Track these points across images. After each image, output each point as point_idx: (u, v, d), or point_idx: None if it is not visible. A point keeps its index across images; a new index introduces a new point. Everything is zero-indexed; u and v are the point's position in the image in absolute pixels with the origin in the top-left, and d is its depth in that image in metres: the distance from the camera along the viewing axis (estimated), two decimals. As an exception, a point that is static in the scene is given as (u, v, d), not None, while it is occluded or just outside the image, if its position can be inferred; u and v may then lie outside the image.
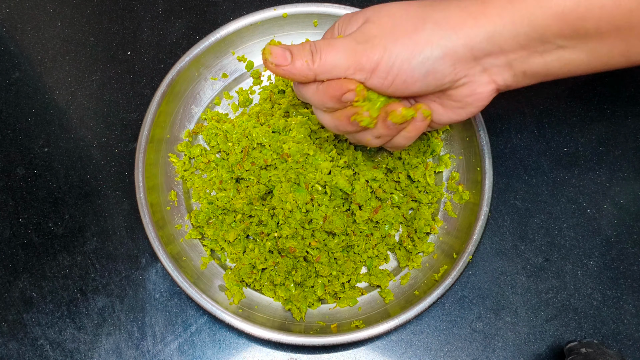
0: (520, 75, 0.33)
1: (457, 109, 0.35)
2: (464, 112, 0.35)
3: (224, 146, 0.48)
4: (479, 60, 0.32)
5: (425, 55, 0.32)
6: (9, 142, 0.51)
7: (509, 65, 0.33)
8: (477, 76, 0.33)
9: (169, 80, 0.47)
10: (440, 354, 0.45)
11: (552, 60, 0.32)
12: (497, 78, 0.33)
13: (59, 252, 0.48)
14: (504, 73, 0.33)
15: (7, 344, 0.45)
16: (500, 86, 0.34)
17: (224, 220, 0.46)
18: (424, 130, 0.37)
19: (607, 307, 0.46)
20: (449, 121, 0.37)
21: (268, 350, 0.45)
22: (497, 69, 0.33)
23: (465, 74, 0.33)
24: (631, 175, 0.49)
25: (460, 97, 0.34)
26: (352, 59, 0.33)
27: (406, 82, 0.33)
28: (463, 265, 0.42)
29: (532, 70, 0.33)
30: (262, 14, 0.48)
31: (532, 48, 0.32)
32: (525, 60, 0.32)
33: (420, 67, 0.32)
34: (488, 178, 0.44)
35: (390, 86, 0.33)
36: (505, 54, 0.32)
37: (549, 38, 0.31)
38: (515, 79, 0.33)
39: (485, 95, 0.34)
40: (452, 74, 0.32)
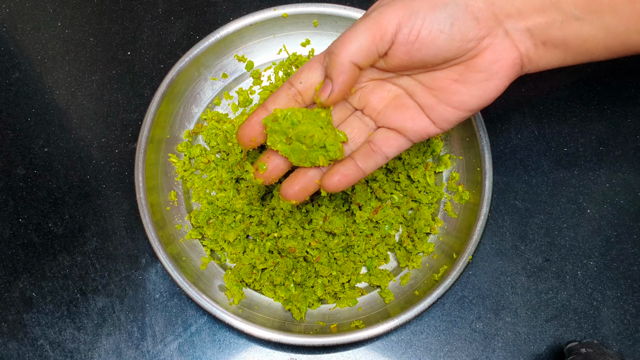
0: (540, 46, 0.33)
1: (483, 82, 0.34)
2: (490, 85, 0.34)
3: (224, 146, 0.48)
4: (500, 21, 0.32)
5: (449, 8, 0.31)
6: (9, 142, 0.51)
7: (530, 32, 0.32)
8: (500, 38, 0.32)
9: (169, 80, 0.47)
10: (440, 354, 0.45)
11: (571, 35, 0.32)
12: (520, 45, 0.33)
13: (59, 252, 0.48)
14: (525, 40, 0.33)
15: (7, 344, 0.45)
16: (522, 55, 0.33)
17: (224, 220, 0.46)
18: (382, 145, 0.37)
19: (607, 307, 0.46)
20: (475, 101, 0.35)
21: (268, 351, 0.45)
22: (519, 34, 0.32)
23: (488, 32, 0.32)
24: (631, 175, 0.49)
25: (485, 65, 0.33)
26: (374, 27, 0.32)
27: (431, 35, 0.32)
28: (463, 265, 0.42)
29: (552, 42, 0.33)
30: (262, 14, 0.48)
31: (548, 15, 0.32)
32: (544, 30, 0.32)
33: (445, 16, 0.31)
34: (488, 178, 0.44)
35: (415, 42, 0.32)
36: (525, 18, 0.32)
37: (562, 5, 0.31)
38: (536, 49, 0.33)
39: (510, 62, 0.33)
40: (476, 29, 0.32)
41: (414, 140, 0.37)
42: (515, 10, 0.32)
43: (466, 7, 0.32)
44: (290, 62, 0.51)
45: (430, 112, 0.36)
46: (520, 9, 0.32)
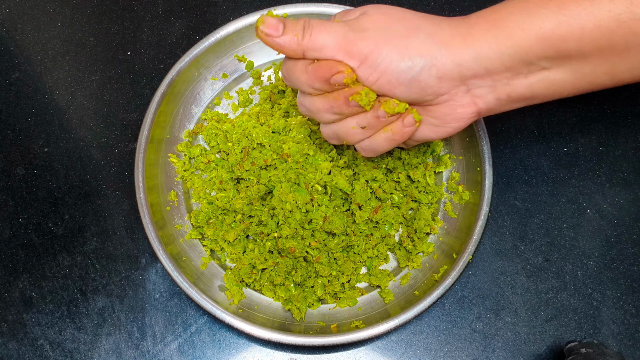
0: (504, 99, 0.34)
1: (435, 127, 0.36)
2: (442, 130, 0.36)
3: (224, 146, 0.48)
4: (465, 80, 0.33)
5: (414, 62, 0.32)
6: (9, 142, 0.51)
7: (493, 87, 0.33)
8: (459, 95, 0.33)
9: (169, 80, 0.47)
10: (440, 354, 0.45)
11: (536, 81, 0.33)
12: (479, 101, 0.34)
13: (59, 252, 0.48)
14: (487, 96, 0.33)
15: (7, 344, 0.45)
16: (481, 110, 0.34)
17: (224, 220, 0.46)
18: (406, 138, 0.36)
19: (607, 307, 0.46)
20: (425, 138, 0.37)
21: (268, 351, 0.45)
22: (481, 90, 0.33)
23: (448, 90, 0.33)
24: (631, 175, 0.49)
25: (439, 115, 0.34)
26: (343, 44, 0.33)
27: (390, 82, 0.33)
28: (463, 265, 0.42)
29: (516, 93, 0.33)
30: (262, 14, 0.48)
31: (516, 69, 0.32)
32: (509, 81, 0.33)
33: (407, 72, 0.32)
34: (488, 178, 0.44)
35: (375, 82, 0.33)
36: (491, 75, 0.32)
37: (532, 59, 0.31)
38: (498, 102, 0.34)
39: (464, 116, 0.34)
40: (436, 87, 0.33)
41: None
42: (483, 71, 0.32)
43: (432, 66, 0.32)
44: (290, 62, 0.51)
45: None
46: (488, 69, 0.32)
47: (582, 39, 0.31)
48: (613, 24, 0.30)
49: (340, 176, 0.44)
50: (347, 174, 0.45)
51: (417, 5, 0.55)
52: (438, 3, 0.55)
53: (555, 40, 0.31)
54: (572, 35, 0.31)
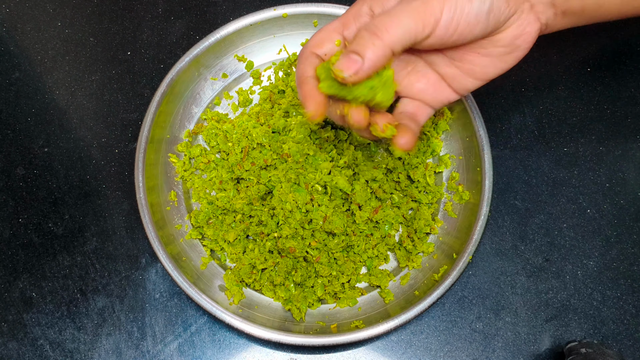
0: (560, 15, 0.35)
1: (504, 56, 0.36)
2: (511, 57, 0.36)
3: (224, 146, 0.48)
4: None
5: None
6: (9, 142, 0.51)
7: (552, 3, 0.34)
8: (525, 13, 0.34)
9: (169, 80, 0.47)
10: (440, 354, 0.45)
11: (590, 2, 0.35)
12: (542, 16, 0.35)
13: (59, 252, 0.48)
14: (547, 11, 0.35)
15: (7, 344, 0.45)
16: (542, 25, 0.35)
17: (224, 220, 0.46)
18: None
19: (607, 307, 0.46)
20: (496, 72, 0.37)
21: (268, 350, 0.45)
22: (543, 6, 0.34)
23: (515, 10, 0.34)
24: (631, 175, 0.49)
25: (509, 40, 0.35)
26: (418, 17, 0.32)
27: (470, 24, 0.33)
28: (463, 265, 0.42)
29: (571, 11, 0.35)
30: (262, 14, 0.48)
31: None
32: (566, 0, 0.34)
33: (480, 10, 0.32)
34: (488, 178, 0.44)
35: (455, 32, 0.33)
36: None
37: None
38: (555, 18, 0.35)
39: (532, 35, 0.35)
40: (507, 10, 0.33)
41: (435, 107, 0.39)
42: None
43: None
44: (290, 62, 0.51)
45: (452, 82, 0.38)
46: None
47: None
48: None
49: (340, 176, 0.44)
50: (347, 174, 0.45)
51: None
52: (438, 3, 0.55)
53: None
54: None
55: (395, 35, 0.32)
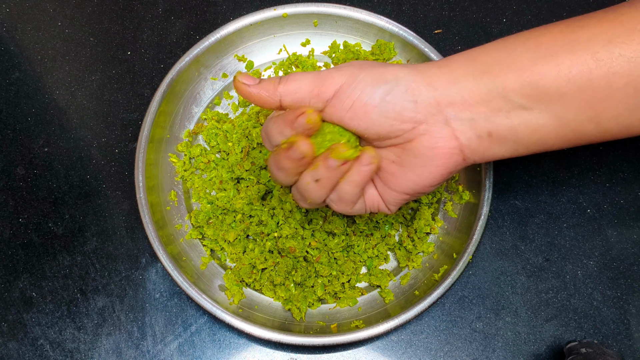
0: (485, 137, 0.32)
1: (418, 167, 0.33)
2: (425, 171, 0.33)
3: (224, 146, 0.48)
4: (441, 108, 0.32)
5: (390, 85, 0.32)
6: (9, 142, 0.51)
7: (473, 122, 0.32)
8: (438, 126, 0.32)
9: (169, 80, 0.47)
10: (440, 354, 0.45)
11: (519, 123, 0.31)
12: (460, 135, 0.32)
13: (59, 252, 0.48)
14: (467, 130, 0.32)
15: (7, 344, 0.45)
16: (463, 146, 0.32)
17: (224, 220, 0.46)
18: (370, 177, 0.34)
19: (607, 307, 0.46)
20: (410, 185, 0.34)
21: (268, 350, 0.45)
22: (461, 124, 0.32)
23: (425, 119, 0.32)
24: (631, 175, 0.49)
25: (420, 151, 0.32)
26: (317, 82, 0.32)
27: (366, 106, 0.32)
28: (463, 265, 0.42)
29: (498, 133, 0.32)
30: (262, 14, 0.48)
31: (495, 105, 0.31)
32: (489, 118, 0.32)
33: (382, 93, 0.32)
34: (488, 178, 0.44)
35: (349, 110, 0.32)
36: (469, 107, 0.31)
37: (510, 95, 0.31)
38: (480, 141, 0.32)
39: (447, 151, 0.32)
40: (412, 113, 0.32)
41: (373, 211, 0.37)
42: (460, 99, 0.31)
43: (406, 89, 0.31)
44: (290, 62, 0.51)
45: (380, 190, 0.36)
46: (464, 98, 0.31)
47: (559, 77, 0.30)
48: (591, 61, 0.29)
49: None
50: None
51: (417, 5, 0.55)
52: (438, 3, 0.55)
53: (532, 76, 0.30)
54: (548, 72, 0.30)
55: (290, 87, 0.33)
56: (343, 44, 0.50)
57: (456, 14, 0.55)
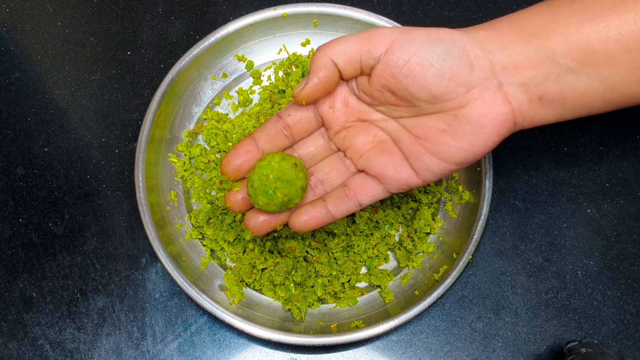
0: (536, 101, 0.32)
1: (470, 136, 0.32)
2: (478, 139, 0.32)
3: (224, 146, 0.48)
4: (495, 72, 0.31)
5: (447, 45, 0.31)
6: (9, 142, 0.51)
7: (524, 86, 0.31)
8: (492, 91, 0.31)
9: (169, 80, 0.47)
10: (440, 354, 0.45)
11: (567, 89, 0.31)
12: (513, 99, 0.31)
13: (59, 252, 0.48)
14: (519, 95, 0.31)
15: (7, 344, 0.45)
16: (515, 110, 0.32)
17: (224, 220, 0.46)
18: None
19: (607, 307, 0.46)
20: (462, 155, 0.33)
21: (268, 350, 0.45)
22: (513, 88, 0.31)
23: (480, 82, 0.31)
24: (631, 175, 0.49)
25: (474, 117, 0.31)
26: (364, 40, 0.32)
27: (423, 62, 0.31)
28: (463, 265, 0.42)
29: (548, 97, 0.32)
30: (262, 14, 0.48)
31: (544, 68, 0.31)
32: (540, 83, 0.31)
33: (439, 52, 0.31)
34: (488, 178, 0.44)
35: (404, 66, 0.31)
36: (520, 71, 0.31)
37: (558, 58, 0.31)
38: (530, 105, 0.32)
39: (500, 117, 0.31)
40: (468, 74, 0.31)
41: (392, 190, 0.36)
42: (511, 63, 0.31)
43: (463, 50, 0.31)
44: (290, 62, 0.51)
45: (415, 161, 0.35)
46: (516, 62, 0.31)
47: (607, 39, 0.30)
48: (638, 24, 0.29)
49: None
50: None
51: (417, 5, 0.55)
52: (438, 2, 0.55)
53: (580, 39, 0.30)
54: (596, 34, 0.30)
55: (336, 49, 0.32)
56: (343, 44, 0.50)
57: (456, 14, 0.54)
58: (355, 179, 0.37)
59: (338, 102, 0.36)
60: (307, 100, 0.34)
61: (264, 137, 0.36)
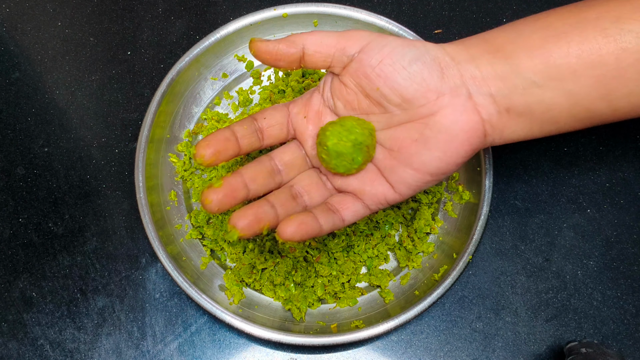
0: (504, 113, 0.32)
1: (443, 144, 0.32)
2: (451, 147, 0.33)
3: (224, 146, 0.48)
4: (464, 81, 0.32)
5: (419, 51, 0.32)
6: (9, 142, 0.51)
7: (492, 97, 0.32)
8: (462, 99, 0.32)
9: (169, 80, 0.47)
10: (440, 354, 0.45)
11: (534, 102, 0.32)
12: (482, 109, 0.32)
13: (59, 252, 0.48)
14: (488, 105, 0.32)
15: (7, 344, 0.45)
16: (485, 121, 0.33)
17: (224, 220, 0.46)
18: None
19: (607, 307, 0.46)
20: (435, 164, 0.33)
21: (268, 350, 0.45)
22: (482, 98, 0.32)
23: (450, 90, 0.32)
24: (631, 175, 0.49)
25: (445, 125, 0.32)
26: (342, 37, 0.33)
27: (395, 65, 0.32)
28: (463, 265, 0.42)
29: (515, 109, 0.32)
30: (262, 14, 0.48)
31: (510, 81, 0.32)
32: (507, 95, 0.32)
33: (411, 56, 0.32)
34: (488, 178, 0.44)
35: (376, 66, 0.32)
36: (487, 82, 0.32)
37: (523, 72, 0.31)
38: (499, 116, 0.32)
39: (471, 125, 0.32)
40: (439, 81, 0.32)
41: (371, 207, 0.36)
42: (479, 74, 0.32)
43: (434, 58, 0.32)
44: (290, 62, 0.51)
45: (390, 174, 0.35)
46: (483, 74, 0.32)
47: (569, 54, 0.31)
48: (600, 38, 0.30)
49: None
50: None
51: (417, 5, 0.55)
52: (438, 2, 0.55)
53: (543, 55, 0.31)
54: (559, 49, 0.31)
55: (311, 38, 0.33)
56: (343, 44, 0.50)
57: (456, 14, 0.55)
58: (335, 197, 0.37)
59: (312, 112, 0.37)
60: (257, 51, 0.34)
61: (241, 132, 0.36)
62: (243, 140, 0.36)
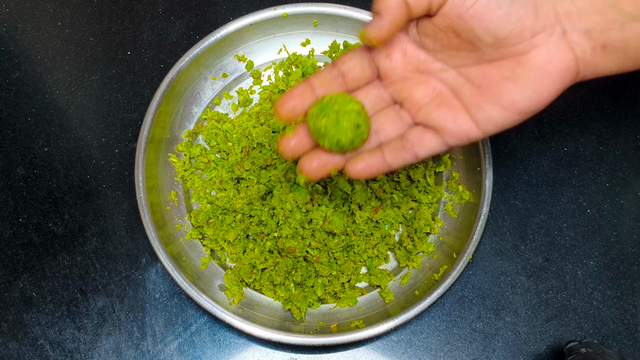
0: (599, 49, 0.31)
1: (535, 82, 0.32)
2: (542, 86, 0.32)
3: (224, 146, 0.48)
4: (559, 18, 0.31)
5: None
6: (9, 142, 0.51)
7: (588, 33, 0.31)
8: (556, 37, 0.31)
9: (169, 80, 0.47)
10: (440, 354, 0.45)
11: (632, 37, 0.31)
12: (576, 47, 0.31)
13: (59, 252, 0.48)
14: (583, 42, 0.31)
15: (7, 344, 0.45)
16: (578, 58, 0.32)
17: (224, 220, 0.46)
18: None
19: (607, 307, 0.46)
20: (525, 102, 0.32)
21: (268, 350, 0.45)
22: (577, 35, 0.31)
23: (544, 27, 0.31)
24: (631, 175, 0.49)
25: (538, 63, 0.31)
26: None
27: (490, 5, 0.30)
28: (463, 265, 0.42)
29: (611, 45, 0.31)
30: (262, 14, 0.48)
31: (609, 15, 0.31)
32: (604, 31, 0.31)
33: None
34: (488, 178, 0.44)
35: (471, 7, 0.30)
36: (584, 18, 0.31)
37: (622, 5, 0.30)
38: (594, 53, 0.32)
39: (564, 64, 0.31)
40: (534, 19, 0.31)
41: (451, 142, 0.35)
42: (575, 9, 0.31)
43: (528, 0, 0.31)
44: (290, 61, 0.51)
45: (476, 112, 0.34)
46: (580, 9, 0.31)
47: None
48: None
49: (340, 176, 0.44)
50: (347, 173, 0.45)
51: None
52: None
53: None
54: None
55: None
56: (343, 44, 0.50)
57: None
58: (412, 131, 0.36)
59: (396, 51, 0.35)
60: (382, 41, 0.33)
61: (318, 82, 0.36)
62: (321, 89, 0.36)
